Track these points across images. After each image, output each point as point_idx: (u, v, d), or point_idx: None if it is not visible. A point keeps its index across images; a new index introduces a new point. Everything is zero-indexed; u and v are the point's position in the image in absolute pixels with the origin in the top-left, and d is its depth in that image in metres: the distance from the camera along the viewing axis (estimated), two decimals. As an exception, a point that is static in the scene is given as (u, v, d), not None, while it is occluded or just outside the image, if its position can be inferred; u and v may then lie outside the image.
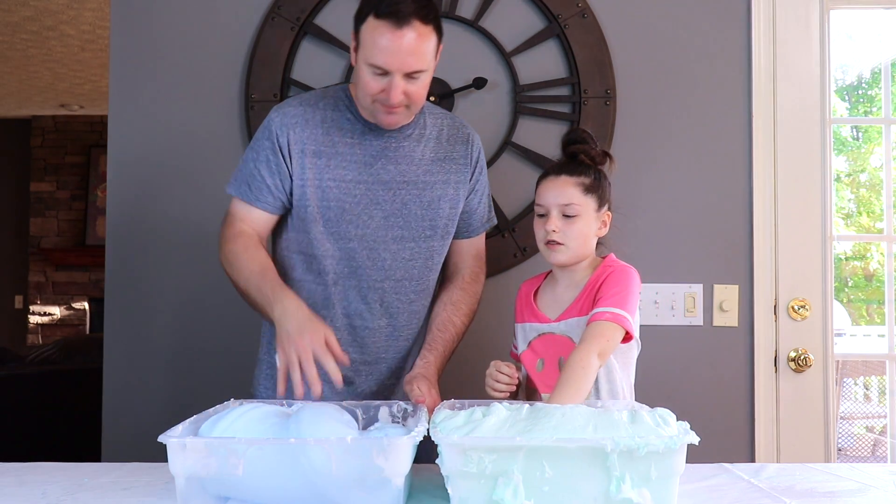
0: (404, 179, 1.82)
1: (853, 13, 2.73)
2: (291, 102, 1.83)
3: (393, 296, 1.85)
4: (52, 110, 8.08)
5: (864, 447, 4.49)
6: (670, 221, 2.51)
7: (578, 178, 1.73)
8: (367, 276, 1.82)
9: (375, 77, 1.68)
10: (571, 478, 1.23)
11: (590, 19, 2.51)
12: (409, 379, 1.73)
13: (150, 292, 2.55)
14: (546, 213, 1.75)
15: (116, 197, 2.57)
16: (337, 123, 1.80)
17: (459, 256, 1.96)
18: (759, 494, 1.43)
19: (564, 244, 1.73)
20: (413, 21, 1.63)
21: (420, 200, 1.83)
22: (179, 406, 2.44)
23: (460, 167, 1.89)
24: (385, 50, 1.64)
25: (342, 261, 1.81)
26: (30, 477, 1.52)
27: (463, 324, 1.88)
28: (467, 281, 1.94)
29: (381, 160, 1.80)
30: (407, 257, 1.84)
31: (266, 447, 1.23)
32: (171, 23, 2.56)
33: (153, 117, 2.56)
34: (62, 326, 8.15)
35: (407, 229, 1.83)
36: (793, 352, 2.49)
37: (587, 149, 1.76)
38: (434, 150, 1.86)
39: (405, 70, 1.66)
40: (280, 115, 1.80)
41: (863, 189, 3.81)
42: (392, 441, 1.23)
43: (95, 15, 5.37)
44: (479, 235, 1.99)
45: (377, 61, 1.65)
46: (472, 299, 1.93)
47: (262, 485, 1.23)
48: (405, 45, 1.63)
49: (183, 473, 1.23)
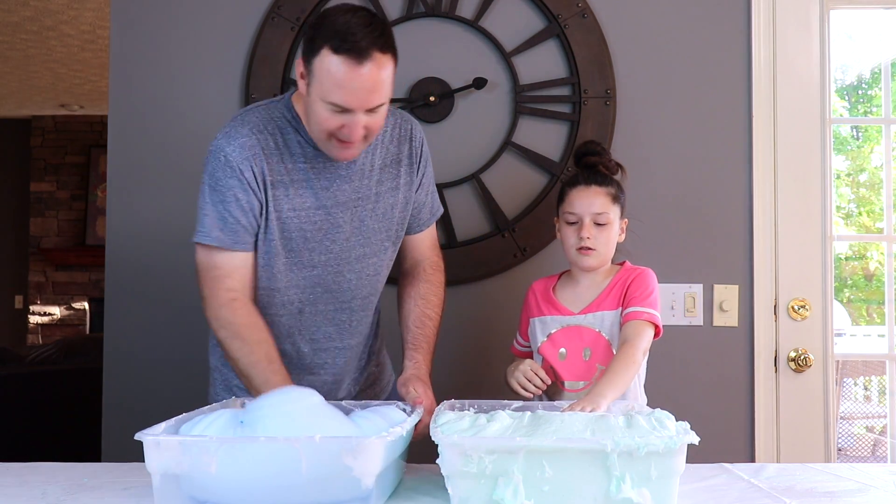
0: (358, 196, 1.76)
1: (853, 13, 2.73)
2: (241, 131, 1.68)
3: (362, 313, 1.84)
4: (52, 110, 8.08)
5: (864, 447, 4.49)
6: (670, 221, 2.51)
7: (608, 189, 1.88)
8: (335, 300, 1.79)
9: (334, 114, 1.58)
10: (571, 478, 1.23)
11: (590, 19, 2.51)
12: (402, 381, 1.72)
13: (150, 292, 2.55)
14: (578, 221, 1.87)
15: (116, 197, 2.57)
16: (288, 149, 1.70)
17: (417, 251, 1.92)
18: (759, 494, 1.43)
19: (596, 250, 1.86)
20: (373, 53, 1.53)
21: (375, 213, 1.78)
22: (179, 406, 2.44)
23: (406, 168, 1.83)
24: (345, 89, 1.54)
25: (307, 289, 1.77)
26: (30, 477, 1.52)
27: (437, 315, 1.86)
28: (429, 272, 1.90)
29: (337, 181, 1.73)
30: (371, 273, 1.82)
31: (237, 445, 1.24)
32: (171, 23, 2.56)
33: (153, 117, 2.56)
34: (62, 326, 8.15)
35: (368, 245, 1.79)
36: (793, 352, 2.49)
37: (605, 161, 1.91)
38: (382, 156, 1.79)
39: (367, 107, 1.58)
40: (236, 147, 1.67)
41: (862, 189, 3.81)
42: (361, 441, 1.23)
43: (95, 15, 5.37)
44: (430, 227, 1.94)
45: (335, 99, 1.56)
46: (439, 289, 1.90)
47: (234, 484, 1.24)
48: (367, 82, 1.54)
49: (158, 471, 1.25)
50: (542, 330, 1.90)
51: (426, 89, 2.50)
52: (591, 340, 1.85)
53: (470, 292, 2.51)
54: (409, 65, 2.52)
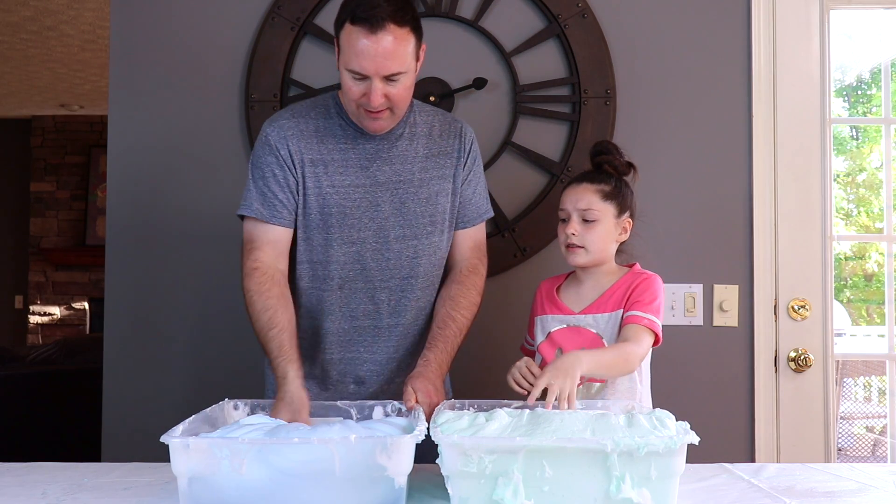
0: (400, 179, 1.84)
1: (853, 13, 2.73)
2: (283, 115, 1.86)
3: (400, 294, 1.87)
4: (52, 110, 8.08)
5: (864, 447, 4.48)
6: (670, 221, 2.51)
7: (598, 186, 1.85)
8: (375, 277, 1.85)
9: (356, 82, 1.71)
10: (571, 478, 1.24)
11: (590, 19, 2.51)
12: (406, 380, 1.72)
13: (150, 292, 2.55)
14: (567, 218, 1.86)
15: (116, 197, 2.57)
16: (330, 131, 1.84)
17: (456, 249, 1.96)
18: (759, 494, 1.43)
19: (584, 247, 1.84)
20: (388, 24, 1.65)
21: (418, 197, 1.86)
22: (179, 406, 2.45)
23: (454, 160, 1.91)
24: (361, 55, 1.67)
25: (347, 264, 1.84)
26: (30, 477, 1.52)
27: (464, 317, 1.87)
28: (464, 274, 1.93)
29: (377, 162, 1.83)
30: (412, 255, 1.86)
31: (268, 447, 1.23)
32: (171, 23, 2.56)
33: (153, 117, 2.56)
34: (62, 326, 8.15)
35: (408, 227, 1.85)
36: (793, 352, 2.49)
37: (611, 159, 1.89)
38: (426, 146, 1.88)
39: (382, 73, 1.69)
40: (275, 128, 1.83)
41: (862, 189, 3.81)
42: (395, 440, 1.23)
43: (95, 15, 5.37)
44: (475, 227, 1.97)
45: (354, 66, 1.69)
46: (471, 292, 1.91)
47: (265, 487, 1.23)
48: (381, 49, 1.66)
49: (186, 474, 1.24)
50: (543, 329, 1.90)
51: (426, 89, 2.50)
52: (589, 341, 1.82)
53: (470, 292, 2.51)
54: (409, 65, 2.53)
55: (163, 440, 1.24)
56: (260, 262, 1.78)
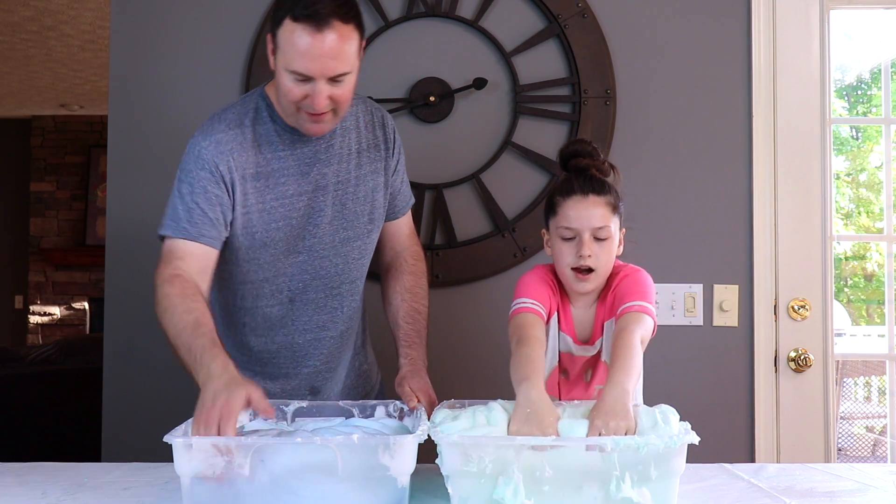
0: (339, 179, 1.76)
1: (853, 13, 2.73)
2: (218, 127, 1.69)
3: (349, 298, 1.83)
4: (52, 110, 8.07)
5: (864, 447, 4.49)
6: (670, 221, 2.51)
7: (606, 197, 1.62)
8: (324, 286, 1.79)
9: (297, 83, 1.58)
10: (571, 478, 1.23)
11: (590, 19, 2.51)
12: (399, 380, 1.71)
13: (150, 292, 2.53)
14: (576, 237, 1.61)
15: (116, 197, 2.57)
16: (266, 138, 1.70)
17: (395, 239, 1.91)
18: (759, 494, 1.43)
19: (596, 270, 1.61)
20: (333, 21, 1.53)
21: (356, 197, 1.78)
22: (179, 406, 2.43)
23: (383, 152, 1.82)
24: (305, 55, 1.54)
25: (295, 277, 1.76)
26: (30, 477, 1.52)
27: (425, 307, 1.85)
28: (412, 263, 1.90)
29: (317, 165, 1.73)
30: (356, 257, 1.81)
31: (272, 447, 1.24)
32: (171, 23, 2.56)
33: (153, 117, 2.56)
34: (62, 326, 8.15)
35: (351, 230, 1.78)
36: (793, 352, 2.49)
37: (597, 163, 1.65)
38: (357, 140, 1.79)
39: (328, 75, 1.57)
40: (212, 142, 1.67)
41: (862, 189, 3.81)
42: (398, 440, 1.23)
43: (95, 15, 5.37)
44: (406, 214, 1.94)
45: (297, 67, 1.56)
46: (423, 280, 1.89)
47: (268, 488, 1.23)
48: (326, 48, 1.54)
49: (189, 474, 1.24)
50: (556, 344, 1.72)
51: (426, 89, 2.50)
52: (592, 361, 1.71)
53: (470, 292, 2.52)
54: (409, 65, 2.53)
55: (166, 440, 1.24)
56: (182, 270, 1.64)
